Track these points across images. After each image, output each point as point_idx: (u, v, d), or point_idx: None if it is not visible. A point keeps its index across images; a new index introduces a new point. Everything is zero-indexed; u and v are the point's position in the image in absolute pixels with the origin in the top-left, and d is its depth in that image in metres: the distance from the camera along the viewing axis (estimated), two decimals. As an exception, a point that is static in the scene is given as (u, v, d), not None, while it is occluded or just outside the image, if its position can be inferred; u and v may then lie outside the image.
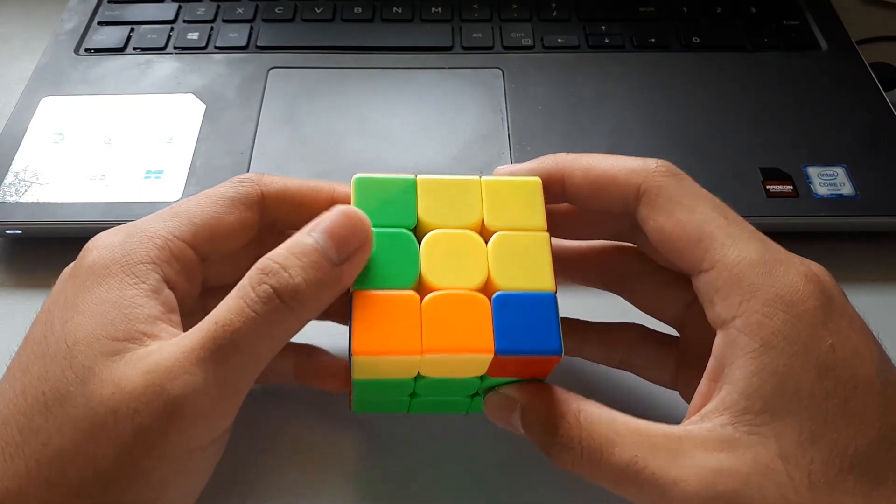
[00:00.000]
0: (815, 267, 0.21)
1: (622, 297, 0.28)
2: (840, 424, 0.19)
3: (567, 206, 0.26)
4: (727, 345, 0.20)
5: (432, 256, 0.22)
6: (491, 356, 0.21)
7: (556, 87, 0.41)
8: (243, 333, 0.20)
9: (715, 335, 0.21)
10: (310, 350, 0.28)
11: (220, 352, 0.20)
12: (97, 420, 0.19)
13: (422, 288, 0.22)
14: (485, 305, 0.21)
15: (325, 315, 0.28)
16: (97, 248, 0.22)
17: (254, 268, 0.21)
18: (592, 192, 0.24)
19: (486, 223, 0.23)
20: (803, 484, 0.18)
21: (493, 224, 0.23)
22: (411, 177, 0.23)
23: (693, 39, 0.43)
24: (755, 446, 0.19)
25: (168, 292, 0.22)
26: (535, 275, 0.22)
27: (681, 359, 0.26)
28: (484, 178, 0.24)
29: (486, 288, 0.22)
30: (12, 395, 0.20)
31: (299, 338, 0.28)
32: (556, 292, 0.22)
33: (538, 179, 0.24)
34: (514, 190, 0.23)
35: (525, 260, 0.22)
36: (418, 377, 0.22)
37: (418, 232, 0.23)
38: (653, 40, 0.43)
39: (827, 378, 0.19)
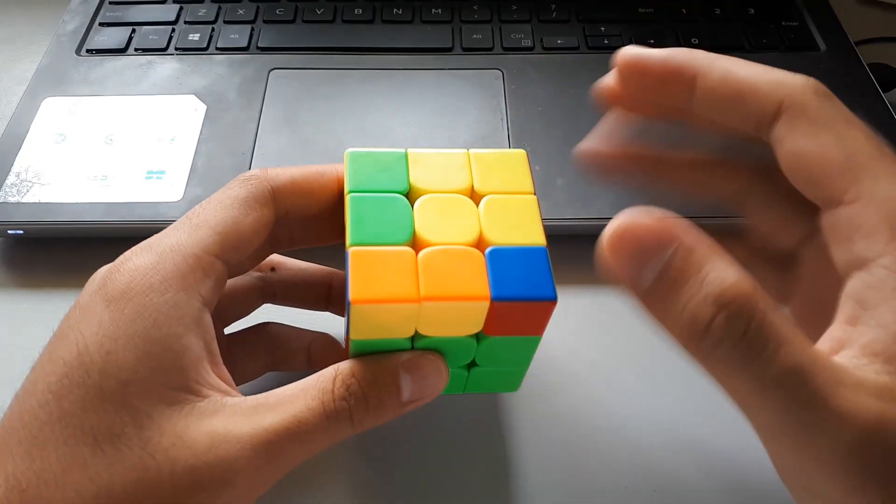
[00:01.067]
0: None
1: (739, 213, 0.25)
2: None
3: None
4: (870, 286, 0.18)
5: (426, 216, 0.23)
6: (487, 304, 0.21)
7: (555, 88, 0.41)
8: (310, 434, 0.21)
9: (835, 272, 0.19)
10: (324, 337, 0.28)
11: (286, 445, 0.20)
12: (152, 466, 0.19)
13: (417, 245, 0.22)
14: (479, 259, 0.22)
15: (324, 306, 0.29)
16: (128, 270, 0.21)
17: (338, 378, 0.22)
18: (726, 99, 0.21)
19: (476, 188, 0.24)
20: None
21: (482, 189, 0.24)
22: (402, 150, 0.24)
23: (692, 40, 0.44)
24: None
25: (207, 319, 0.22)
26: (527, 232, 0.22)
27: (794, 288, 0.24)
28: (472, 150, 0.25)
29: (479, 245, 0.22)
30: (47, 419, 0.19)
31: (312, 325, 0.29)
32: (547, 247, 0.22)
33: (523, 151, 0.25)
34: (500, 160, 0.24)
35: (516, 219, 0.23)
36: (416, 338, 0.23)
37: (410, 197, 0.23)
38: (652, 41, 0.44)
39: None
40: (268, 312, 0.29)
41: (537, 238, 0.22)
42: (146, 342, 0.20)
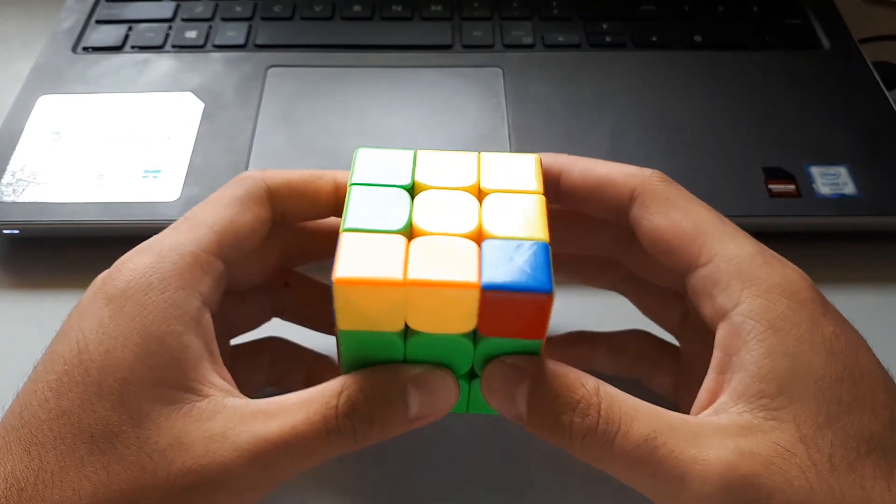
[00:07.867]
0: (799, 269, 0.22)
1: (627, 297, 0.28)
2: (854, 408, 0.19)
3: (559, 210, 0.26)
4: (732, 333, 0.21)
5: (424, 208, 0.22)
6: (476, 292, 0.20)
7: (556, 86, 0.40)
8: (308, 448, 0.20)
9: (709, 341, 0.22)
10: (326, 360, 0.28)
11: (282, 457, 0.20)
12: (149, 466, 0.19)
13: (412, 234, 0.21)
14: (474, 249, 0.21)
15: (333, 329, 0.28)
16: (128, 270, 0.21)
17: (344, 393, 0.21)
18: (588, 191, 0.24)
19: (482, 186, 0.23)
20: (825, 467, 0.18)
21: (488, 187, 0.23)
22: (411, 150, 0.24)
23: (695, 38, 0.43)
24: (774, 431, 0.19)
25: (207, 318, 0.22)
26: (528, 227, 0.21)
27: (679, 369, 0.27)
28: (483, 153, 0.24)
29: (477, 238, 0.21)
30: (46, 418, 0.19)
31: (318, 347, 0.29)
32: (549, 243, 0.21)
33: (536, 155, 0.24)
34: (511, 161, 0.24)
35: (518, 216, 0.22)
36: (407, 333, 0.21)
37: (413, 193, 0.23)
38: (654, 39, 0.43)
39: (835, 362, 0.20)
40: (279, 329, 0.28)
41: (539, 233, 0.21)
42: (145, 340, 0.20)
